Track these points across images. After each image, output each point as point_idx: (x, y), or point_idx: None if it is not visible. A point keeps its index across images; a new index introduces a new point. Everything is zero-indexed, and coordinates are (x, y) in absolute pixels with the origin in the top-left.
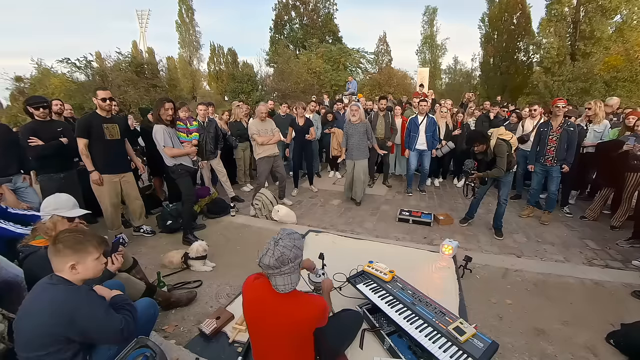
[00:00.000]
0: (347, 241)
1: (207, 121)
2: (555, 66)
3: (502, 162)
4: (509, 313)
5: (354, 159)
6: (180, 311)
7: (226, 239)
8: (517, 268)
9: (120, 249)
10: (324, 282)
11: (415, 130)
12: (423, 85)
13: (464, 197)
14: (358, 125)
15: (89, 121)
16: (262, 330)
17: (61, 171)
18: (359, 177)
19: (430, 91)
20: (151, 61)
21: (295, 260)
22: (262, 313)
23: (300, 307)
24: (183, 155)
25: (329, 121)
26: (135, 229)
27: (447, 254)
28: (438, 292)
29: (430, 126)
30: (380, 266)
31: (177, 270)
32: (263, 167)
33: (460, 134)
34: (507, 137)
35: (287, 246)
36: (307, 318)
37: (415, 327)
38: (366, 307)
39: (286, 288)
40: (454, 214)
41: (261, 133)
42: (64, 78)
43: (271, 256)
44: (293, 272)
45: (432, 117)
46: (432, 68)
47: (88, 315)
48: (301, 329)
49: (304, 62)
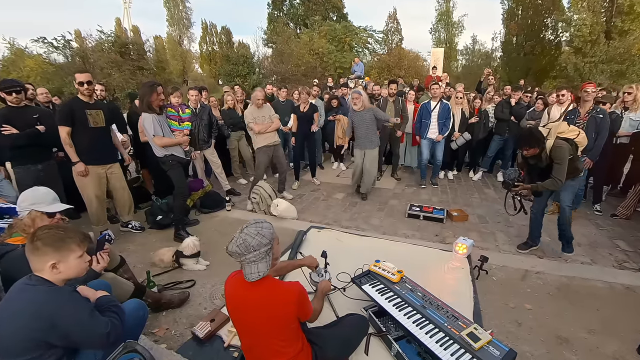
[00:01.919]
0: (351, 238)
1: (200, 108)
2: (587, 46)
3: (561, 170)
4: (528, 319)
5: (364, 149)
6: (171, 313)
7: (221, 236)
8: (538, 270)
9: (106, 246)
10: (320, 284)
11: (427, 116)
12: (437, 67)
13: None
14: (363, 113)
15: (70, 107)
16: (244, 324)
17: (39, 162)
18: (369, 167)
19: (444, 74)
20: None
21: (259, 248)
22: (241, 307)
23: (273, 294)
24: (174, 145)
25: (333, 107)
26: (123, 224)
27: (461, 254)
28: (451, 295)
29: (443, 113)
30: (387, 266)
31: (168, 269)
32: (262, 157)
33: (477, 123)
34: (571, 135)
35: (250, 234)
36: (282, 304)
37: (426, 332)
38: (372, 310)
39: (252, 276)
40: (468, 210)
41: (258, 121)
42: (40, 59)
43: (234, 243)
44: (260, 261)
45: (447, 104)
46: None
47: (71, 318)
48: (278, 316)
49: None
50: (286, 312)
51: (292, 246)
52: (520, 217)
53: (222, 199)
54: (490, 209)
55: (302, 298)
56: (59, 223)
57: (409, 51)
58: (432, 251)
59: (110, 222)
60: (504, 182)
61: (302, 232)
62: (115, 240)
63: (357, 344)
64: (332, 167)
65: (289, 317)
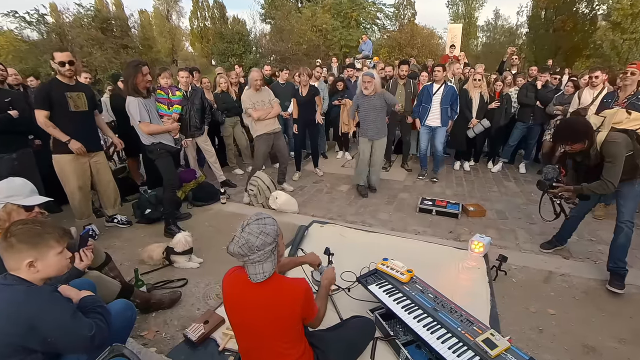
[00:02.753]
0: (357, 234)
1: (191, 91)
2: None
3: (613, 170)
4: (551, 325)
5: (371, 138)
6: (161, 314)
7: (216, 231)
8: (564, 272)
9: (89, 242)
10: (325, 272)
11: (428, 100)
12: (454, 45)
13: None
14: (373, 98)
15: (48, 90)
16: (244, 325)
17: (13, 150)
18: (378, 159)
19: (462, 53)
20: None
21: (263, 248)
22: (241, 306)
23: (279, 292)
24: (163, 132)
25: (338, 91)
26: (108, 218)
27: (478, 252)
28: (465, 297)
29: (448, 97)
30: (396, 264)
31: (158, 267)
32: (261, 146)
33: (498, 108)
34: (632, 126)
35: (253, 232)
36: (288, 303)
37: (437, 337)
38: (379, 313)
39: (257, 277)
40: (486, 205)
41: (257, 106)
42: (11, 36)
43: (235, 243)
44: (265, 261)
45: (452, 86)
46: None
47: (52, 321)
48: (284, 316)
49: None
50: (293, 312)
51: (292, 242)
52: (544, 212)
53: (216, 190)
54: (510, 203)
55: (308, 296)
56: (36, 217)
57: (423, 27)
58: (446, 249)
59: (95, 216)
60: (540, 182)
61: (303, 227)
62: (99, 235)
63: (362, 348)
64: (337, 156)
65: (294, 317)
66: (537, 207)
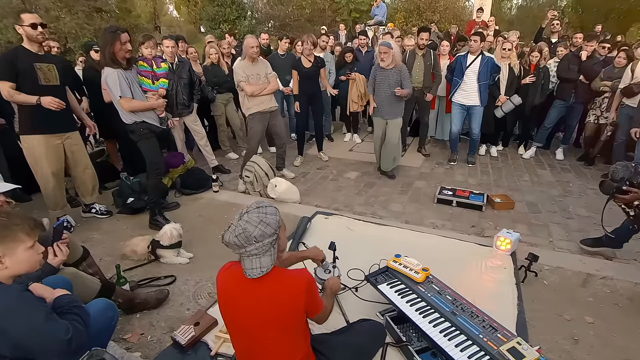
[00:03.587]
0: (366, 227)
1: (178, 63)
2: None
3: None
4: (588, 335)
5: (385, 117)
6: (147, 315)
7: (207, 222)
8: (605, 274)
9: (64, 235)
10: (328, 282)
11: (460, 74)
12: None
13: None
14: (390, 71)
15: (12, 59)
16: (242, 326)
17: None
18: (392, 141)
19: (491, 18)
20: None
21: (262, 239)
22: (238, 305)
23: (280, 287)
24: (147, 109)
25: (347, 63)
26: (85, 208)
27: (504, 250)
28: (488, 300)
29: (486, 71)
30: (410, 262)
31: (143, 263)
32: (256, 127)
33: (533, 83)
34: None
35: (252, 221)
36: (289, 297)
37: (455, 344)
38: (390, 315)
39: (253, 272)
40: (515, 196)
41: (251, 79)
42: None
43: (232, 232)
44: (263, 255)
45: (490, 57)
46: None
47: (22, 323)
48: (287, 313)
49: None
50: (295, 306)
51: (293, 235)
52: (585, 205)
53: (207, 177)
54: (543, 195)
55: (311, 287)
56: (2, 207)
57: None
58: (467, 246)
59: (70, 206)
60: (605, 183)
61: (305, 218)
62: (76, 227)
63: (371, 355)
64: (344, 139)
65: (297, 312)
66: (575, 201)
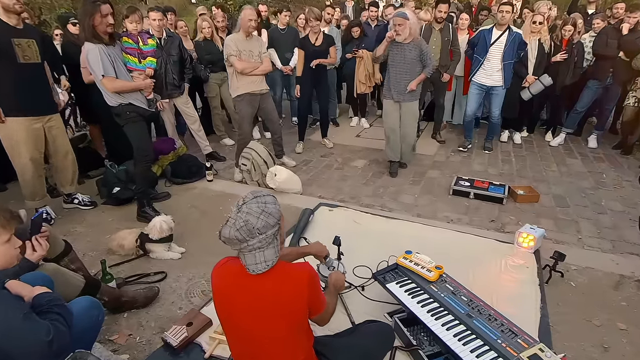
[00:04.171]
0: (374, 221)
1: (167, 38)
2: None
3: None
4: (620, 343)
5: (398, 100)
6: (135, 315)
7: (200, 214)
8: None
9: (44, 228)
10: (331, 277)
11: (483, 51)
12: None
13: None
14: (407, 47)
15: None
16: (240, 326)
17: None
18: (409, 130)
19: None
20: None
21: (265, 231)
22: (236, 304)
23: (282, 282)
24: (133, 90)
25: (354, 38)
26: (67, 198)
27: (527, 247)
28: (508, 302)
29: (512, 49)
30: (421, 259)
31: (131, 258)
32: (244, 109)
33: (565, 61)
34: None
35: (253, 212)
36: (293, 294)
37: (471, 349)
38: (399, 317)
39: (258, 268)
40: (541, 188)
41: (243, 56)
42: None
43: (232, 226)
44: (267, 247)
45: (518, 34)
46: None
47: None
48: (291, 310)
49: None
50: (300, 304)
51: (294, 229)
52: (619, 198)
53: (200, 165)
54: (573, 187)
55: (314, 282)
56: None
57: None
58: (485, 242)
59: (50, 196)
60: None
61: (308, 210)
62: (56, 219)
63: (378, 359)
64: (351, 123)
65: (302, 311)
66: (608, 194)
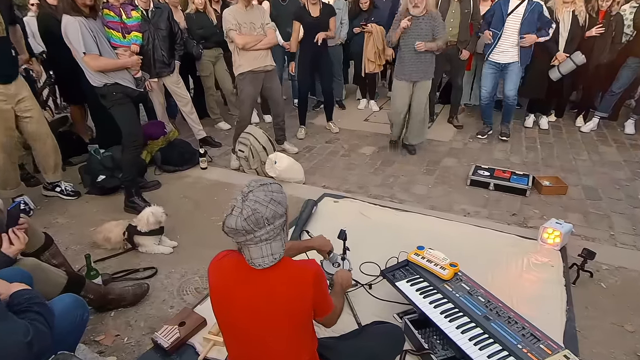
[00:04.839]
0: (384, 213)
1: (154, 10)
2: None
3: None
4: None
5: (411, 79)
6: (123, 314)
7: (193, 205)
8: None
9: (21, 220)
10: (337, 275)
11: (500, 23)
12: None
13: None
14: (421, 20)
15: None
16: (239, 326)
17: None
18: (419, 109)
19: None
20: None
21: (273, 221)
22: (235, 302)
23: (287, 280)
24: (118, 68)
25: (362, 11)
26: (47, 187)
27: (552, 244)
28: (530, 304)
29: (531, 20)
30: (435, 255)
31: (118, 253)
32: (247, 89)
33: (601, 36)
34: None
35: (261, 200)
36: (298, 293)
37: (488, 354)
38: (409, 318)
39: (264, 262)
40: (569, 179)
41: (243, 29)
42: None
43: (238, 215)
44: (274, 239)
45: (537, 3)
46: None
47: None
48: (296, 309)
49: None
50: (304, 302)
51: (296, 221)
52: None
53: (193, 151)
54: (605, 178)
55: (320, 280)
56: None
57: None
58: (505, 237)
59: (25, 184)
60: None
61: (311, 201)
62: (35, 210)
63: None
64: (358, 106)
65: (307, 310)
66: None
